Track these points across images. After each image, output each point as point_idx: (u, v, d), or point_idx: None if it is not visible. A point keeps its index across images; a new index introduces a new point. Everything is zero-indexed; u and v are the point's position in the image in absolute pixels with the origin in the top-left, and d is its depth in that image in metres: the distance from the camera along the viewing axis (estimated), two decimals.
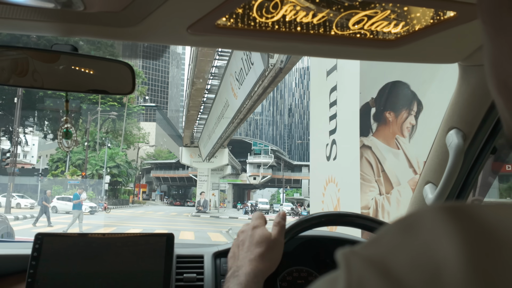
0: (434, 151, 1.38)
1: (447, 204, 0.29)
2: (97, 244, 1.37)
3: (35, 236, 1.35)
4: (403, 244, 0.28)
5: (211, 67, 24.93)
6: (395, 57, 1.14)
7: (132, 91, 1.16)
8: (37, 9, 0.88)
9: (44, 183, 34.46)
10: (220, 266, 1.46)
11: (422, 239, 0.27)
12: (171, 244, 1.39)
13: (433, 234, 0.27)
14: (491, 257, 0.25)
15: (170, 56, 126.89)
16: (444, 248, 0.26)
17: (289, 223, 1.11)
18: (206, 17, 0.89)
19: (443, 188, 1.28)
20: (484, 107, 1.18)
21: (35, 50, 1.19)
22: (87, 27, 0.95)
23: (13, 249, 1.53)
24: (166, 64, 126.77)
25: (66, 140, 1.32)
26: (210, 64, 24.49)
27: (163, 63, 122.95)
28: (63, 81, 1.17)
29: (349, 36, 0.99)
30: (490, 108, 1.18)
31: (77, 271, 1.32)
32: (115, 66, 1.17)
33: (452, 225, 0.27)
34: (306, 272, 1.55)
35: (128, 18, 0.90)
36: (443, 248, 0.26)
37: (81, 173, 33.35)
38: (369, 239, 0.32)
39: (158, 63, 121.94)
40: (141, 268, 1.34)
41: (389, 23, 0.97)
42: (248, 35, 0.97)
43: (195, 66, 24.47)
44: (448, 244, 0.26)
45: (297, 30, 0.96)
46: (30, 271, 1.29)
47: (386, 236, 0.30)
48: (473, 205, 0.29)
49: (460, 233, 0.26)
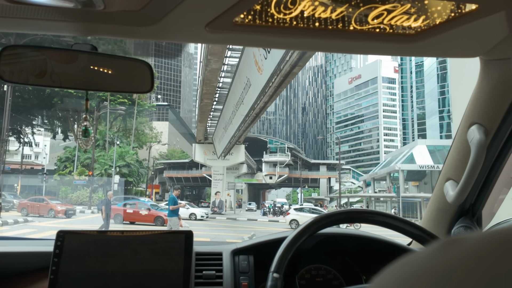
0: (455, 147, 1.39)
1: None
2: (116, 241, 1.40)
3: (57, 233, 1.38)
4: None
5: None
6: (415, 52, 1.12)
7: (151, 89, 1.18)
8: (57, 9, 0.90)
9: (50, 184, 33.21)
10: (239, 264, 1.48)
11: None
12: (190, 242, 1.41)
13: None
14: None
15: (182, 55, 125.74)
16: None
17: (307, 220, 1.15)
18: (224, 14, 0.90)
19: (465, 185, 1.28)
20: (507, 102, 1.19)
21: (55, 49, 1.18)
22: (106, 26, 0.98)
23: (35, 247, 1.57)
24: (178, 62, 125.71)
25: (84, 138, 1.11)
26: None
27: (175, 61, 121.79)
28: (83, 80, 1.18)
29: (369, 31, 0.98)
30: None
31: (97, 269, 1.34)
32: (133, 65, 1.18)
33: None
34: (324, 270, 1.58)
35: (147, 17, 0.92)
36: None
37: (88, 173, 31.58)
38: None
39: (171, 61, 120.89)
40: (160, 265, 1.36)
41: (409, 17, 0.96)
42: (266, 31, 0.97)
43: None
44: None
45: (315, 26, 0.96)
46: (53, 268, 1.33)
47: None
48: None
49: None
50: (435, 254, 0.30)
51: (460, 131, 1.34)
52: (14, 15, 0.94)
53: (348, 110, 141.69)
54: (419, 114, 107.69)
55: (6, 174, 27.40)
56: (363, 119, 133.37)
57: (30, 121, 41.65)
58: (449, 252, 0.29)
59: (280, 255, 1.09)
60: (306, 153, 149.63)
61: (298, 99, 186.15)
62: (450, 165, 1.41)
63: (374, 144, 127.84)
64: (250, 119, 27.83)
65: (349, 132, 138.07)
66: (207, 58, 22.48)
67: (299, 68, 17.41)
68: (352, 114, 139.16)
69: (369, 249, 1.63)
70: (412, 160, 46.11)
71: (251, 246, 1.57)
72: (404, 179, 45.14)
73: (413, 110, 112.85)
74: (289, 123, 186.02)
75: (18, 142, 42.03)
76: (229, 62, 24.26)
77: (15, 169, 38.56)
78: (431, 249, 0.31)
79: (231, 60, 23.95)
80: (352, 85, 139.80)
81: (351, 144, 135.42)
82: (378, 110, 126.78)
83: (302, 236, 1.13)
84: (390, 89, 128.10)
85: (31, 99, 38.22)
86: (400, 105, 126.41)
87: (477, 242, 0.29)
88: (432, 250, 0.31)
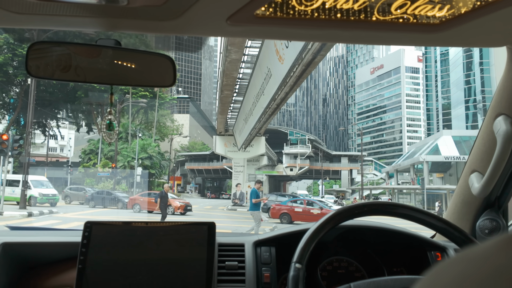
0: (480, 138, 1.37)
1: None
2: (141, 232, 1.44)
3: (85, 224, 1.43)
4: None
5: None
6: (440, 42, 1.09)
7: (173, 83, 1.20)
8: (82, 5, 0.93)
9: (75, 176, 33.93)
10: (260, 255, 1.49)
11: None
12: (212, 233, 1.44)
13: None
14: None
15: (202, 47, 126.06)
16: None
17: (330, 212, 1.17)
18: (245, 7, 0.90)
19: (490, 177, 1.28)
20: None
21: (80, 45, 1.19)
22: (129, 21, 0.99)
23: (64, 237, 1.59)
24: (199, 55, 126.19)
25: (108, 131, 1.37)
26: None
27: (195, 54, 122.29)
28: (107, 75, 1.20)
29: (392, 21, 0.96)
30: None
31: (123, 258, 1.39)
32: (156, 59, 1.20)
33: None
34: (346, 262, 1.58)
35: (169, 12, 0.94)
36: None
37: (111, 165, 32.09)
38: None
39: (191, 54, 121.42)
40: (184, 256, 1.40)
41: (433, 6, 0.94)
42: (287, 24, 0.97)
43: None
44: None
45: (337, 17, 0.95)
46: (81, 257, 1.37)
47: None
48: None
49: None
50: (499, 252, 0.28)
51: (486, 122, 1.31)
52: (40, 12, 0.96)
53: (370, 100, 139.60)
54: (444, 104, 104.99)
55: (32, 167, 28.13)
56: (386, 110, 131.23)
57: (55, 115, 42.58)
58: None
59: (303, 246, 1.10)
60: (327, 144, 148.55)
61: (318, 90, 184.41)
62: (475, 156, 1.40)
63: (397, 135, 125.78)
64: (271, 111, 27.57)
65: (371, 123, 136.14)
66: (227, 48, 22.24)
67: (321, 57, 16.99)
68: (374, 105, 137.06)
69: (391, 242, 1.62)
70: (437, 151, 45.07)
71: (273, 237, 1.58)
72: (428, 170, 44.19)
73: (438, 100, 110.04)
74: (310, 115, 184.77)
75: (44, 135, 43.06)
76: (250, 52, 23.88)
77: (41, 161, 39.54)
78: (491, 246, 0.30)
79: (251, 50, 23.57)
80: (374, 75, 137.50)
81: (373, 135, 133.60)
82: (401, 101, 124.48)
83: (324, 228, 1.14)
84: (414, 78, 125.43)
85: (56, 93, 39.00)
86: (424, 95, 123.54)
87: None
88: (494, 247, 0.29)
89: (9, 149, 15.56)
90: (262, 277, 1.44)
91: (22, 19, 1.01)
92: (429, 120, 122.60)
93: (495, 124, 1.25)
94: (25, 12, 0.97)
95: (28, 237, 1.61)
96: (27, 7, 0.94)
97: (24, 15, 0.98)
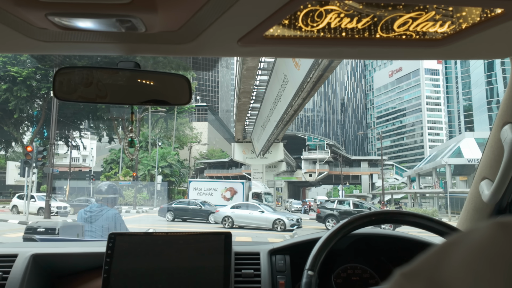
0: (489, 146, 1.39)
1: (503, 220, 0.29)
2: (161, 241, 1.49)
3: (109, 235, 1.49)
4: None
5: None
6: (443, 55, 1.13)
7: (189, 101, 1.28)
8: (104, 33, 0.99)
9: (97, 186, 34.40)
10: (275, 263, 1.53)
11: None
12: (229, 242, 1.50)
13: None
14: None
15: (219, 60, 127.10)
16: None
17: (341, 221, 1.20)
18: (255, 29, 0.95)
19: (499, 184, 1.29)
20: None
21: (103, 69, 1.25)
22: (147, 45, 1.07)
23: (89, 248, 1.67)
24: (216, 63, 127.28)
25: (130, 149, 1.50)
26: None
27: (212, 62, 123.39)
28: (128, 95, 1.27)
29: (395, 38, 1.00)
30: None
31: (145, 267, 1.44)
32: (173, 79, 1.28)
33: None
34: (360, 269, 1.59)
35: (184, 36, 1.00)
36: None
37: (132, 174, 32.52)
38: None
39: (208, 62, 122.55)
40: (202, 264, 1.45)
41: (434, 23, 0.97)
42: (294, 43, 1.02)
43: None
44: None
45: (342, 36, 0.99)
46: (105, 267, 1.43)
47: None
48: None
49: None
50: (496, 238, 0.30)
51: (494, 130, 1.34)
52: (65, 39, 1.03)
53: (389, 104, 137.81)
54: (466, 105, 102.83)
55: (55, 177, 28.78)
56: (405, 113, 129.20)
57: (77, 125, 43.53)
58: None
59: (315, 254, 1.13)
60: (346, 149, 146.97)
61: (336, 95, 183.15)
62: (485, 164, 1.42)
63: (417, 138, 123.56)
64: (288, 117, 27.58)
65: (391, 126, 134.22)
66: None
67: (337, 62, 16.96)
68: (394, 108, 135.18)
69: (405, 249, 1.64)
70: (460, 154, 44.07)
71: (287, 246, 1.62)
72: (451, 174, 43.22)
73: (459, 101, 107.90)
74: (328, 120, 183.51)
75: (66, 145, 44.04)
76: (266, 60, 24.02)
77: (64, 171, 40.41)
78: (485, 230, 0.31)
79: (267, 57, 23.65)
80: (393, 78, 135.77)
81: (393, 139, 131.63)
82: (421, 103, 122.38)
83: (336, 236, 1.17)
84: (434, 80, 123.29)
85: (77, 105, 39.87)
86: (444, 97, 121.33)
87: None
88: (488, 232, 0.31)
89: (33, 160, 16.00)
90: (277, 284, 1.48)
91: (48, 46, 1.08)
92: (450, 123, 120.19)
93: (502, 132, 1.27)
94: (51, 40, 1.03)
95: (57, 248, 1.68)
96: (53, 35, 1.00)
97: (50, 43, 1.05)
